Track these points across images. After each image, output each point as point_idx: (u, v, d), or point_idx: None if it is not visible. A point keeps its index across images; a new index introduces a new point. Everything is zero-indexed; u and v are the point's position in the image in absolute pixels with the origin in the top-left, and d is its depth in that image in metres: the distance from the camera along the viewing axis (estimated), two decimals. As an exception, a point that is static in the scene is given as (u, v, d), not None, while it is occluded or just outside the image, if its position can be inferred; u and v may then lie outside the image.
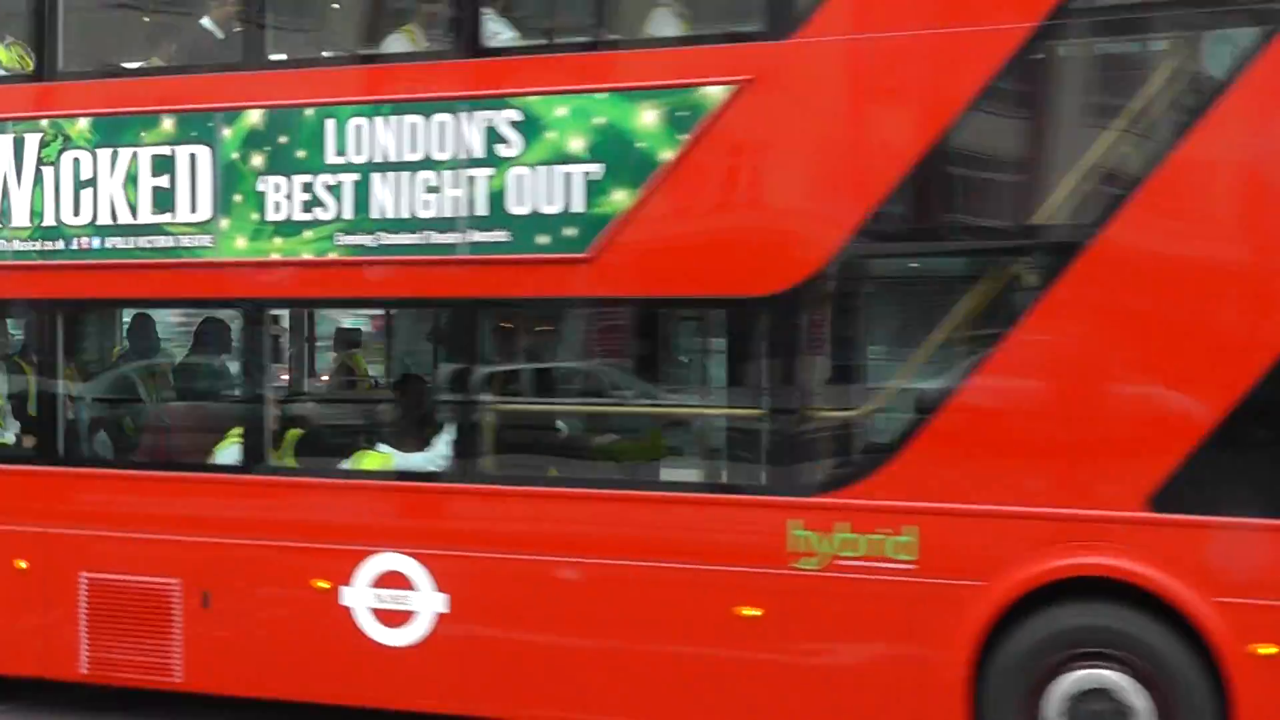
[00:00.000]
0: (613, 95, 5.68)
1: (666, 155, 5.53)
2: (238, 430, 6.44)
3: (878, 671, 5.32)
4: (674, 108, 5.54)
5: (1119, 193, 5.09)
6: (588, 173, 5.65)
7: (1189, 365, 4.97)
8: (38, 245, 6.63)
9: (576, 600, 5.69)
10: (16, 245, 6.67)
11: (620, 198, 5.60)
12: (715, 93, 5.49)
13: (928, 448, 5.29)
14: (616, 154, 5.62)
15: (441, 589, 5.86)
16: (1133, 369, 5.08)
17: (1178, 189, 4.98)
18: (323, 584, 6.06)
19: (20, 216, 6.64)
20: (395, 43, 6.29)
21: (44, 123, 6.62)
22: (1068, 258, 5.09)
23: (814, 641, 5.40)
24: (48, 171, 6.59)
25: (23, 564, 6.58)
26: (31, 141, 6.63)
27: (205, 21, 6.59)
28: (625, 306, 6.28)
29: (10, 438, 7.03)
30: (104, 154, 6.48)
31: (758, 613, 5.42)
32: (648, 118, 5.58)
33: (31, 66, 6.77)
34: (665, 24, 6.01)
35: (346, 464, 6.33)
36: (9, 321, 7.38)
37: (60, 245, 6.58)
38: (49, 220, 6.59)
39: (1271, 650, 4.73)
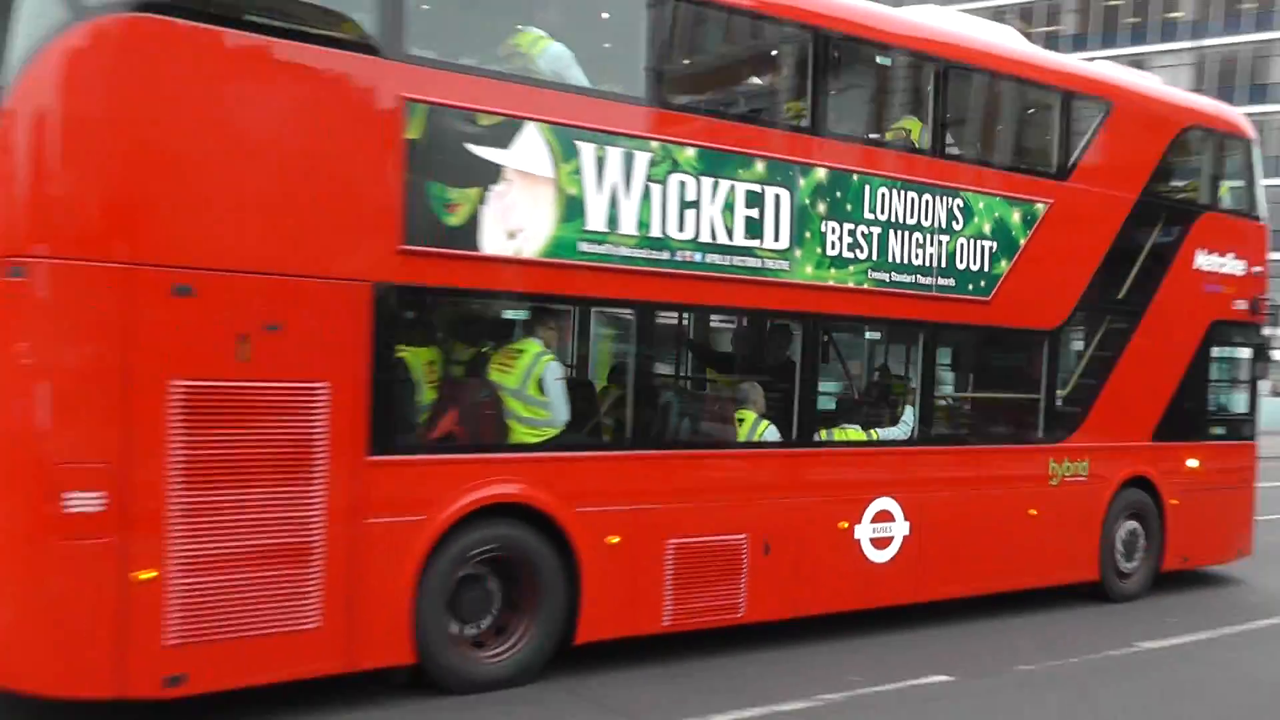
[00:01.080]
0: (1001, 199, 9.08)
1: (1022, 241, 9.20)
2: (756, 414, 8.07)
3: (1075, 528, 9.90)
4: (1025, 213, 9.24)
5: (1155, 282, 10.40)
6: (991, 247, 9.00)
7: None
8: (643, 253, 7.22)
9: (960, 515, 9.02)
10: (622, 251, 7.13)
11: (1003, 265, 9.11)
12: (1041, 208, 9.33)
13: (1094, 415, 9.99)
14: (1002, 237, 9.08)
15: (907, 519, 8.64)
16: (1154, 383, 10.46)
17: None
18: (844, 524, 8.30)
19: (628, 226, 7.13)
20: (900, 134, 8.65)
21: (654, 144, 7.22)
22: (1140, 316, 10.25)
23: (1052, 521, 9.69)
24: (655, 189, 7.24)
25: (616, 539, 7.21)
26: (641, 159, 7.17)
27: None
28: (1000, 332, 9.47)
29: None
30: (707, 181, 7.46)
31: (1036, 512, 9.53)
32: (1016, 216, 9.17)
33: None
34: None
35: (831, 437, 8.49)
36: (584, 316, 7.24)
37: (665, 255, 7.31)
38: (655, 232, 7.25)
39: None
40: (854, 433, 8.66)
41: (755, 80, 8.43)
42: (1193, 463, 10.79)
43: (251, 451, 5.96)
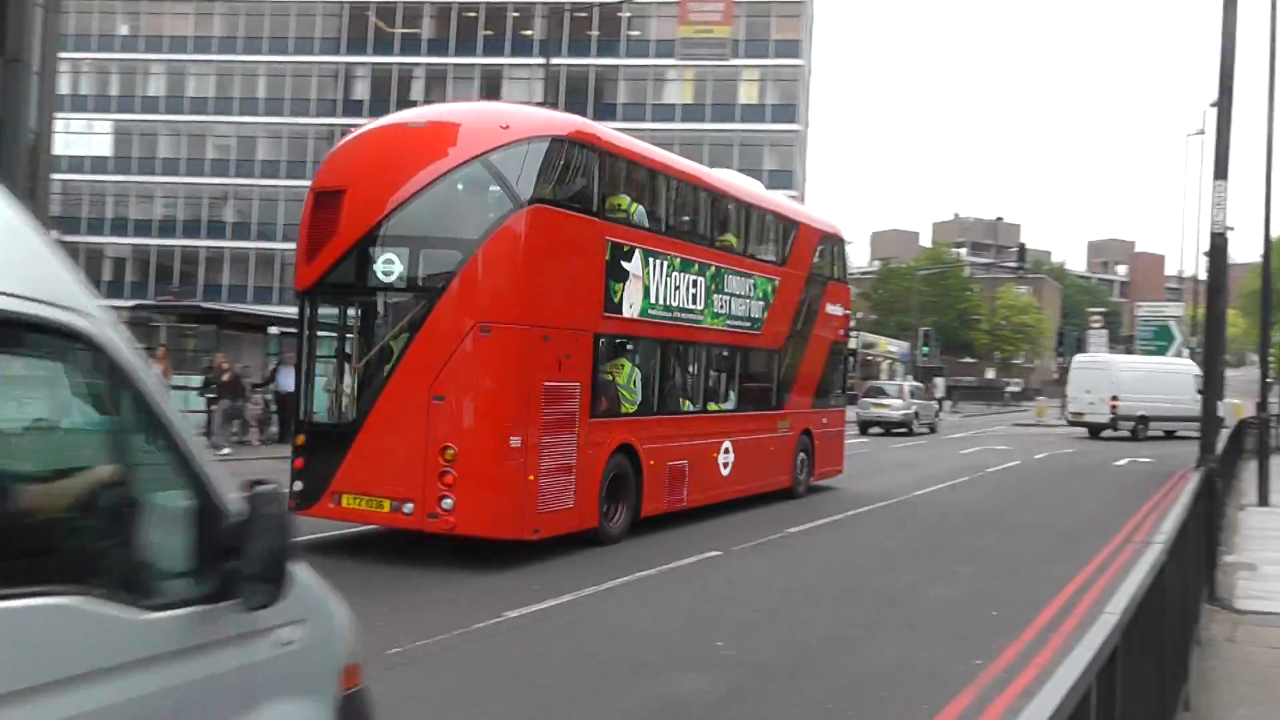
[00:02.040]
0: (766, 277, 16.79)
1: (770, 300, 17.02)
2: (685, 396, 15.04)
3: (785, 457, 17.97)
4: (772, 285, 17.08)
5: (812, 321, 18.77)
6: (762, 304, 16.71)
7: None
8: (664, 314, 13.95)
9: (750, 450, 16.63)
10: (659, 314, 13.84)
11: (764, 314, 16.89)
12: (777, 281, 17.23)
13: (792, 393, 18.12)
14: (764, 298, 16.83)
15: (733, 452, 16.06)
16: (811, 374, 18.82)
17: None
18: (714, 455, 15.58)
19: (660, 299, 13.85)
20: (727, 242, 15.90)
21: (670, 254, 13.98)
22: (808, 339, 18.58)
23: (779, 454, 17.67)
24: (669, 279, 14.03)
25: (652, 462, 13.90)
26: (667, 263, 13.92)
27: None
28: (762, 350, 16.86)
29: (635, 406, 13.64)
30: (684, 275, 14.34)
31: (774, 449, 17.46)
32: (769, 287, 16.97)
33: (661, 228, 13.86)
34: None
35: (713, 408, 15.62)
36: (626, 349, 13.62)
37: (669, 315, 14.09)
38: (667, 302, 14.03)
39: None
40: (714, 405, 15.96)
41: (688, 218, 15.44)
42: (824, 420, 19.40)
43: (560, 416, 12.06)
